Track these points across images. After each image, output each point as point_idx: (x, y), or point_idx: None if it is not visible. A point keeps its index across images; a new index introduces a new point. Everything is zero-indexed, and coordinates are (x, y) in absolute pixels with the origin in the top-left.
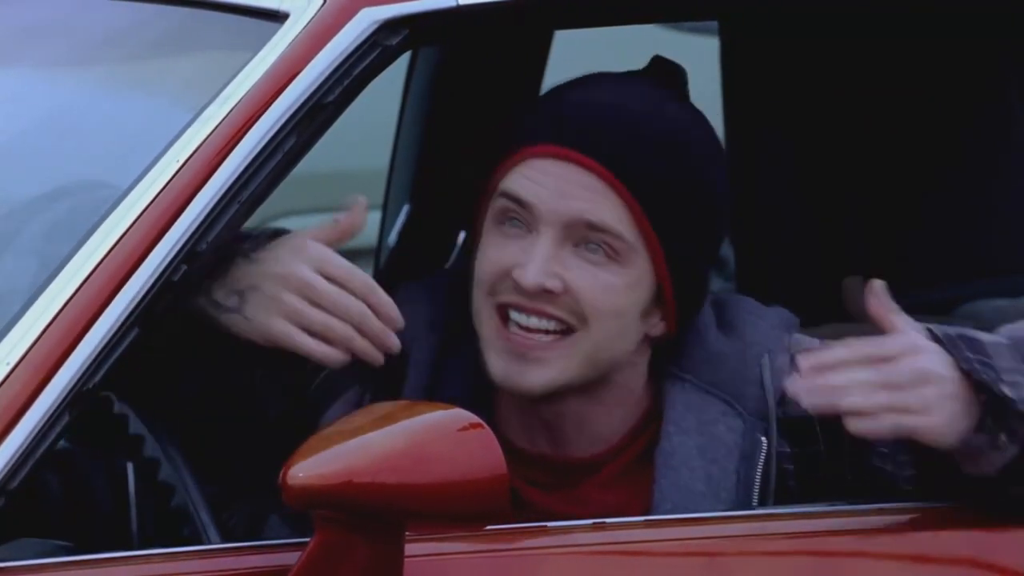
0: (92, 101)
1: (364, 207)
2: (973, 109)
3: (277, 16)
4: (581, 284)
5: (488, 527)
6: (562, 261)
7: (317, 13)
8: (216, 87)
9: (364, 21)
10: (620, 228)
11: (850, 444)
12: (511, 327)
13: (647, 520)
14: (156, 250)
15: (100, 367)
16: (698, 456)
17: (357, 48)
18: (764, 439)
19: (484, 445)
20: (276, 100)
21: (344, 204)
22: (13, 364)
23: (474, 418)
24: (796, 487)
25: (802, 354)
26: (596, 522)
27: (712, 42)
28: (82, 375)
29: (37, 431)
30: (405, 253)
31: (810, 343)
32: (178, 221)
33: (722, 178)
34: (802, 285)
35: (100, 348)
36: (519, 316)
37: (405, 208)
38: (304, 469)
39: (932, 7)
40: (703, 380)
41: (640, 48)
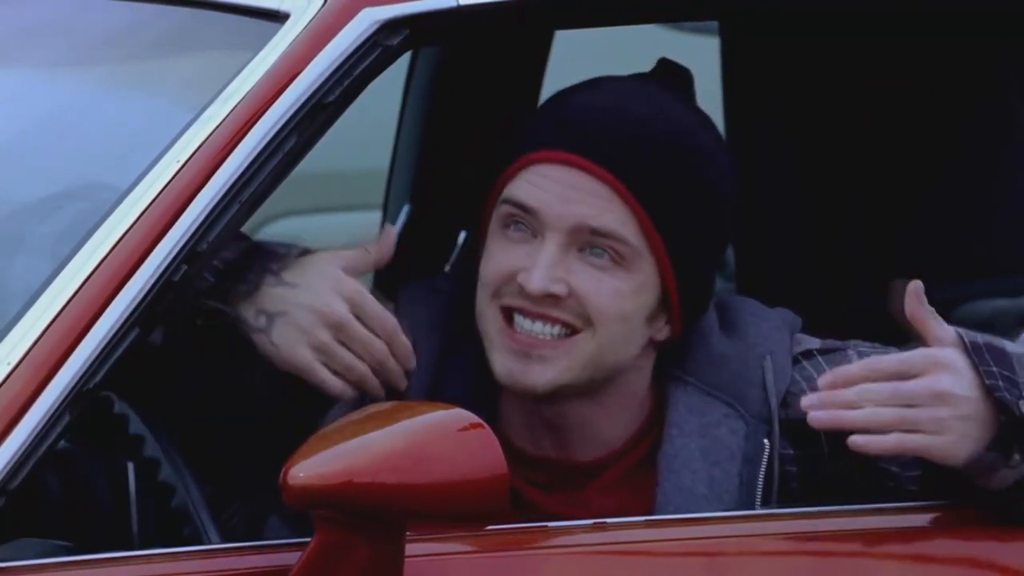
0: (92, 101)
1: (393, 237)
2: (973, 109)
3: (278, 16)
4: (586, 289)
5: (488, 527)
6: (567, 266)
7: (318, 13)
8: (217, 87)
9: (365, 21)
10: (625, 233)
11: None
12: (515, 327)
13: (648, 520)
14: (157, 250)
15: (101, 367)
16: (700, 459)
17: (358, 48)
18: (767, 441)
19: (484, 445)
20: (277, 100)
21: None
22: (14, 364)
23: (474, 418)
24: (799, 489)
25: (824, 373)
26: (597, 522)
27: (712, 42)
28: (83, 375)
29: (38, 431)
30: (405, 253)
31: (812, 343)
32: (179, 221)
33: (728, 181)
34: (802, 285)
35: (101, 348)
36: (523, 321)
37: (405, 208)
38: (304, 469)
39: (932, 7)
40: (705, 382)
41: (640, 48)
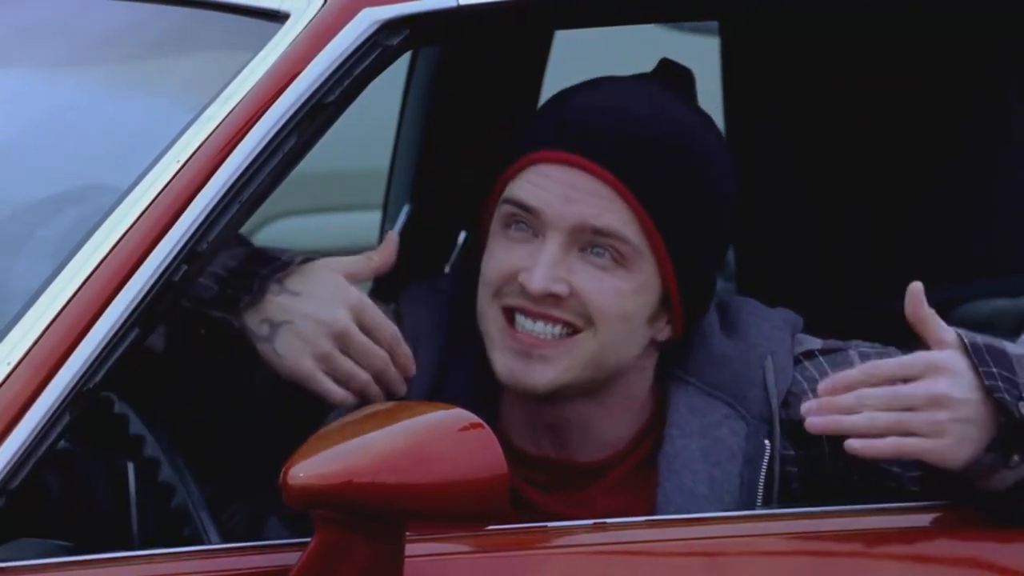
0: (92, 101)
1: (396, 243)
2: (973, 109)
3: (278, 16)
4: (588, 288)
5: (488, 527)
6: (568, 266)
7: (318, 13)
8: (217, 87)
9: (365, 21)
10: (626, 232)
11: None
12: (517, 327)
13: (648, 520)
14: (157, 250)
15: (101, 367)
16: (701, 459)
17: (358, 48)
18: (768, 442)
19: (484, 445)
20: (277, 100)
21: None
22: (14, 364)
23: (474, 418)
24: (800, 489)
25: (825, 374)
26: (597, 522)
27: (712, 42)
28: (83, 375)
29: (38, 431)
30: (405, 253)
31: (813, 343)
32: (179, 221)
33: (729, 181)
34: (802, 285)
35: (101, 348)
36: (525, 320)
37: (405, 208)
38: (304, 469)
39: (932, 7)
40: (706, 383)
41: (640, 48)
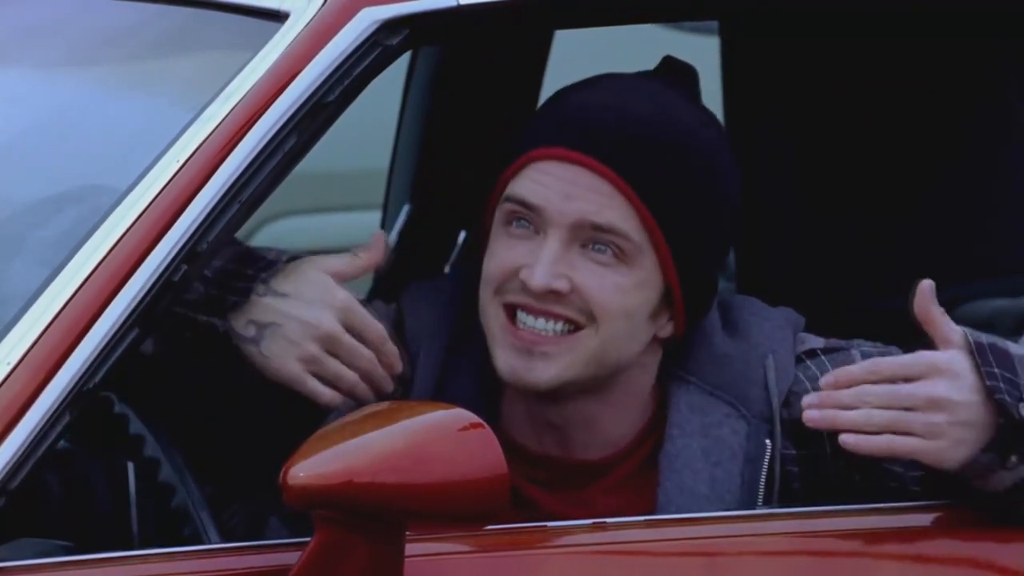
0: (92, 101)
1: (383, 241)
2: (973, 109)
3: (278, 16)
4: (589, 284)
5: (488, 527)
6: (570, 262)
7: (317, 13)
8: (217, 87)
9: (364, 21)
10: (626, 229)
11: None
12: (518, 324)
13: (647, 520)
14: (157, 250)
15: (100, 367)
16: (702, 458)
17: (357, 48)
18: (768, 441)
19: (484, 445)
20: (277, 100)
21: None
22: (13, 364)
23: (474, 418)
24: (801, 489)
25: (826, 374)
26: (596, 522)
27: (712, 42)
28: (82, 375)
29: (37, 431)
30: (405, 253)
31: (815, 342)
32: (179, 221)
33: (731, 179)
34: (802, 285)
35: (100, 348)
36: (526, 317)
37: (405, 208)
38: (304, 469)
39: (932, 7)
40: (707, 382)
41: (640, 48)
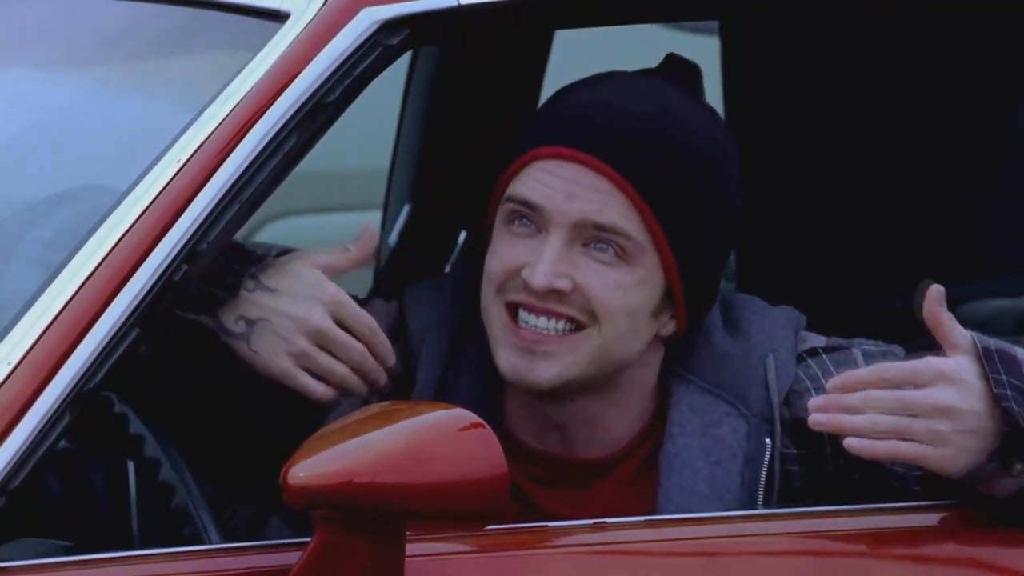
0: (93, 101)
1: (373, 234)
2: (973, 109)
3: (278, 16)
4: (591, 283)
5: (488, 527)
6: (571, 261)
7: (318, 13)
8: (217, 87)
9: (365, 21)
10: (628, 228)
11: None
12: (520, 323)
13: (648, 520)
14: (157, 250)
15: (101, 367)
16: (702, 458)
17: (358, 48)
18: (768, 441)
19: (484, 445)
20: (277, 100)
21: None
22: (14, 364)
23: (474, 418)
24: (801, 488)
25: (829, 372)
26: (597, 522)
27: (712, 42)
28: (83, 375)
29: (38, 431)
30: (405, 253)
31: (816, 341)
32: (179, 221)
33: (734, 177)
34: (802, 285)
35: (101, 348)
36: (528, 316)
37: (406, 208)
38: (304, 469)
39: (933, 7)
40: (708, 381)
41: (640, 48)
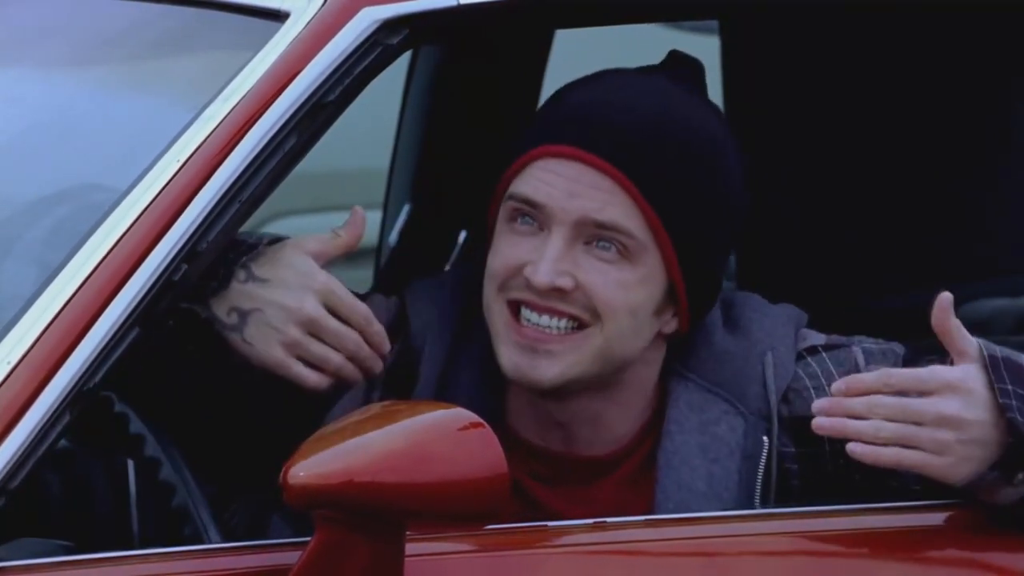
0: (92, 101)
1: (363, 218)
2: (973, 109)
3: (278, 15)
4: (593, 281)
5: (488, 527)
6: (574, 259)
7: (318, 12)
8: (217, 86)
9: (365, 20)
10: (630, 227)
11: None
12: (522, 321)
13: (647, 520)
14: (157, 249)
15: (101, 367)
16: (700, 455)
17: (358, 47)
18: (766, 439)
19: (484, 444)
20: (277, 99)
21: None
22: (14, 364)
23: (474, 417)
24: (800, 487)
25: (830, 372)
26: (596, 522)
27: (712, 42)
28: (83, 375)
29: (38, 431)
30: (406, 253)
31: (816, 339)
32: (179, 220)
33: (736, 175)
34: (802, 285)
35: (101, 348)
36: (530, 314)
37: (406, 208)
38: (304, 469)
39: (933, 7)
40: (707, 379)
41: (640, 48)
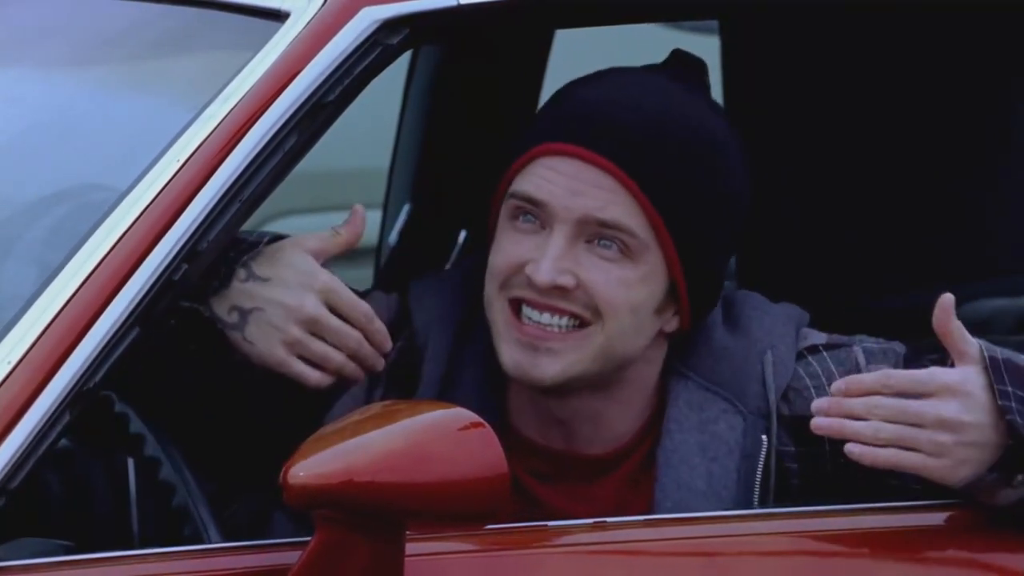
0: (92, 101)
1: (363, 216)
2: (973, 109)
3: (278, 15)
4: (595, 280)
5: (488, 527)
6: (575, 257)
7: (318, 12)
8: (217, 86)
9: (365, 20)
10: (632, 225)
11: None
12: (523, 319)
13: (647, 519)
14: (157, 249)
15: (101, 366)
16: (699, 454)
17: (358, 47)
18: (764, 437)
19: (484, 444)
20: (277, 99)
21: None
22: (14, 363)
23: (474, 417)
24: (800, 486)
25: (831, 372)
26: (596, 521)
27: (712, 42)
28: (83, 374)
29: (38, 430)
30: (406, 253)
31: (817, 338)
32: (179, 220)
33: (739, 174)
34: (802, 285)
35: (101, 347)
36: (532, 312)
37: (406, 208)
38: (304, 468)
39: (933, 7)
40: (706, 378)
41: (640, 48)
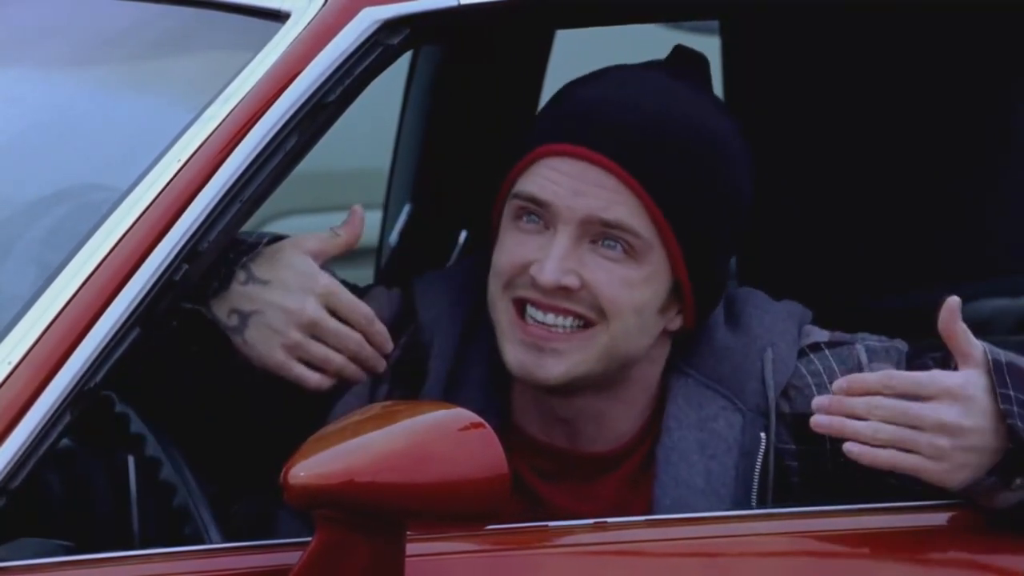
0: (92, 101)
1: (361, 216)
2: (973, 109)
3: (278, 16)
4: (599, 279)
5: (488, 527)
6: (579, 258)
7: (318, 13)
8: (217, 87)
9: (365, 20)
10: (635, 225)
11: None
12: (527, 319)
13: (648, 520)
14: (158, 249)
15: (101, 366)
16: (698, 451)
17: (358, 47)
18: (763, 435)
19: (485, 444)
20: (277, 99)
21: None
22: (15, 363)
23: (475, 417)
24: (799, 484)
25: (832, 370)
26: (597, 522)
27: (712, 42)
28: (83, 374)
29: (38, 430)
30: (406, 253)
31: (819, 335)
32: (180, 220)
33: (742, 171)
34: (802, 285)
35: (102, 347)
36: (536, 312)
37: (406, 208)
38: (305, 469)
39: (933, 7)
40: (705, 375)
41: (641, 48)
